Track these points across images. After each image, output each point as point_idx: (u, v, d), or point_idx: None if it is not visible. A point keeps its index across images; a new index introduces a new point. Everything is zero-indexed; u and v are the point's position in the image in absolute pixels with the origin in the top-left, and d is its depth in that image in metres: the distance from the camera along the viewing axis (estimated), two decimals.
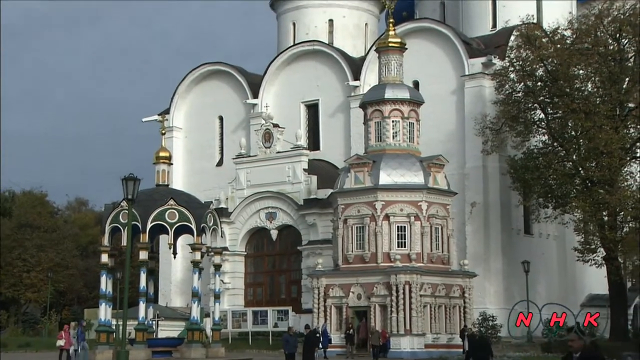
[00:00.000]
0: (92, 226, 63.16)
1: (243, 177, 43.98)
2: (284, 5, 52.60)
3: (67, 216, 68.38)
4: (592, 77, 36.22)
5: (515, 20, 41.95)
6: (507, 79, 37.91)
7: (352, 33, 51.35)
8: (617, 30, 35.97)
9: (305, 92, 46.80)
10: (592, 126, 35.00)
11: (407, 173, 35.25)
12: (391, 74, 36.93)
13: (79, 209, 72.30)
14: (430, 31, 43.49)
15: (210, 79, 49.80)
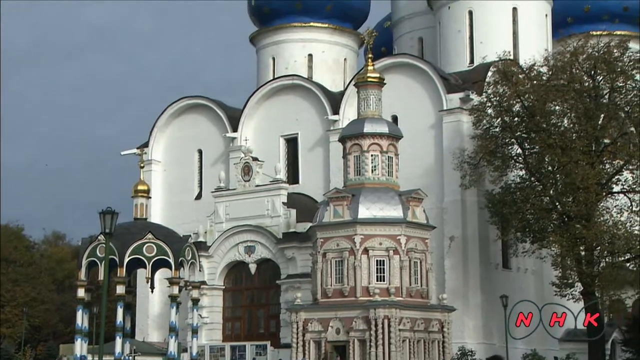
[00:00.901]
0: (69, 260, 62.55)
1: (222, 210, 43.87)
2: (263, 40, 52.98)
3: (44, 250, 67.68)
4: (568, 113, 36.73)
5: (492, 57, 42.54)
6: (484, 114, 38.31)
7: (332, 68, 51.77)
8: (591, 67, 36.59)
9: (284, 126, 46.95)
10: (568, 161, 35.39)
11: (386, 207, 35.39)
12: (370, 109, 37.22)
13: (55, 243, 71.60)
14: (409, 66, 43.93)
15: (189, 113, 49.85)
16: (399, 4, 55.01)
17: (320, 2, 51.19)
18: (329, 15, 51.65)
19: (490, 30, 46.33)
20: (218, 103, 48.91)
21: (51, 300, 58.42)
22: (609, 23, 52.27)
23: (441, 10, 48.28)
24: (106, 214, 21.85)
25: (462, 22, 46.98)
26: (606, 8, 53.16)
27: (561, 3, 51.04)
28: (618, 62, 36.48)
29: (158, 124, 49.98)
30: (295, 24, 51.70)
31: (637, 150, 35.69)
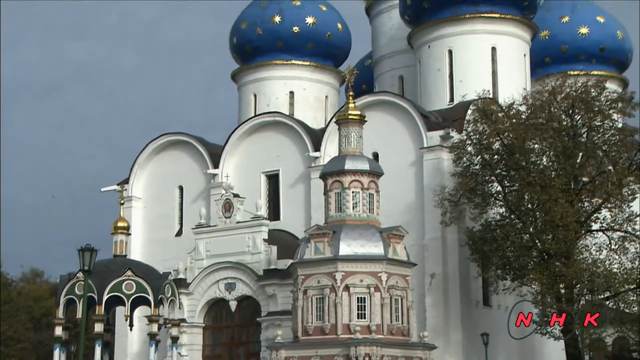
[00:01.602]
0: (47, 298, 61.80)
1: (202, 247, 43.68)
2: (245, 77, 53.30)
3: (21, 288, 66.86)
4: (547, 151, 37.07)
5: (471, 95, 42.99)
6: (464, 152, 38.60)
7: (313, 105, 52.12)
8: (569, 106, 37.05)
9: (265, 163, 47.04)
10: (547, 199, 35.65)
11: (367, 244, 35.43)
12: (351, 146, 37.43)
13: (33, 280, 70.82)
14: (389, 104, 44.28)
15: (170, 149, 49.84)
16: (380, 42, 55.67)
17: (302, 40, 51.70)
18: (311, 54, 52.13)
19: (470, 69, 46.90)
20: (199, 139, 48.98)
21: (28, 339, 57.56)
22: (586, 63, 53.13)
23: (421, 49, 48.86)
24: (85, 251, 21.76)
25: (442, 60, 47.54)
26: (583, 49, 54.02)
27: (539, 43, 51.86)
28: (595, 101, 36.99)
29: (139, 161, 49.89)
30: (276, 61, 52.10)
31: (615, 189, 36.04)
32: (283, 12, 51.89)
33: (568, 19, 54.51)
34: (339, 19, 53.22)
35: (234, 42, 53.68)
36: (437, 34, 47.73)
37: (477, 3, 46.86)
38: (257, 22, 52.21)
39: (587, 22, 54.36)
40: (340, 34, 53.03)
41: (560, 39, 53.96)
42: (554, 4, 55.17)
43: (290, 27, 51.61)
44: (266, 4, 52.59)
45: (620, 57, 55.00)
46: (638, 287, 36.27)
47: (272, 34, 51.74)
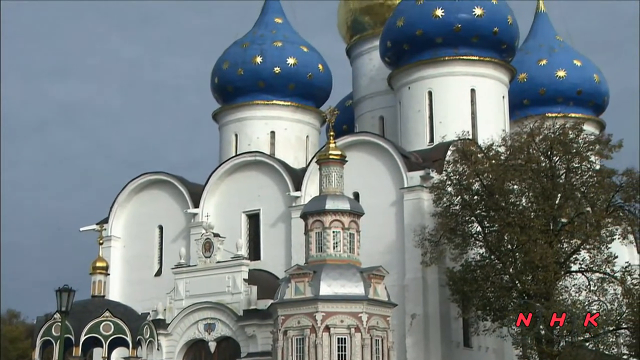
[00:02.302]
0: (23, 339, 60.77)
1: (182, 287, 43.33)
2: (226, 117, 53.47)
3: None
4: (526, 192, 37.35)
5: (451, 136, 43.37)
6: (444, 192, 38.81)
7: (294, 145, 52.28)
8: (548, 148, 37.47)
9: (246, 202, 46.98)
10: (527, 240, 35.84)
11: (348, 284, 35.35)
12: (332, 186, 37.53)
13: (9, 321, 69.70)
14: (370, 144, 44.53)
15: (151, 189, 49.70)
16: (360, 83, 56.17)
17: (283, 81, 52.02)
18: (292, 94, 52.43)
19: (450, 110, 47.38)
20: (179, 179, 48.90)
21: None
22: (563, 105, 54.01)
23: (401, 90, 49.34)
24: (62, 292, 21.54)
25: (422, 102, 48.00)
26: (561, 91, 54.83)
27: (518, 85, 52.60)
28: (573, 143, 37.44)
29: (119, 200, 49.67)
30: (258, 101, 52.35)
31: (593, 230, 36.30)
32: (264, 53, 52.27)
33: (546, 62, 55.37)
34: (320, 60, 53.69)
35: (216, 82, 53.94)
36: (417, 76, 48.27)
37: (457, 46, 47.53)
38: (238, 63, 52.54)
39: (565, 66, 55.24)
40: (321, 75, 53.45)
41: (538, 81, 54.77)
42: (532, 47, 56.10)
43: (271, 67, 51.95)
44: (248, 45, 52.99)
45: (597, 100, 55.84)
46: (617, 328, 36.38)
47: (254, 75, 52.05)
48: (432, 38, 47.55)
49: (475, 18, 47.52)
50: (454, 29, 47.31)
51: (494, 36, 47.91)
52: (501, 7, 48.61)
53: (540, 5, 58.26)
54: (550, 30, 57.52)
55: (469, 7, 47.63)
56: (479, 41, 47.61)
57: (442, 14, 47.43)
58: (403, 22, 48.44)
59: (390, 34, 49.38)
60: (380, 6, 55.15)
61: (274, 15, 54.60)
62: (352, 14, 56.73)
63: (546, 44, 56.23)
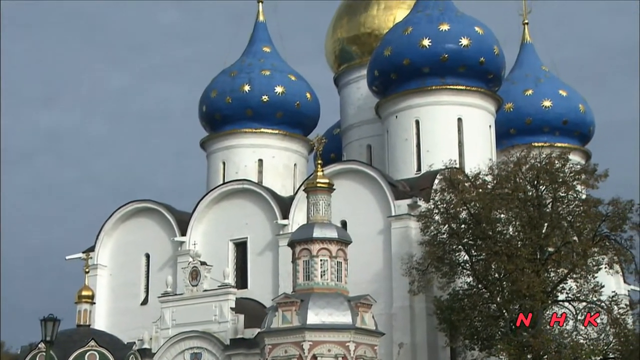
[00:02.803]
0: None
1: (168, 316, 43.03)
2: (214, 145, 53.50)
3: None
4: (513, 221, 37.48)
5: (438, 165, 43.58)
6: (432, 221, 38.90)
7: (282, 173, 52.32)
8: (534, 177, 37.69)
9: (233, 230, 46.90)
10: (514, 269, 35.90)
11: (335, 312, 35.26)
12: (319, 214, 37.57)
13: None
14: (358, 173, 44.66)
15: (138, 217, 49.54)
16: (348, 112, 56.44)
17: (271, 109, 52.19)
18: (280, 122, 52.58)
19: (437, 139, 47.61)
20: (166, 207, 48.79)
21: None
22: (550, 135, 54.41)
23: (389, 119, 49.60)
24: (47, 321, 21.36)
25: (409, 131, 48.24)
26: (547, 121, 55.23)
27: (504, 115, 52.94)
28: (560, 173, 37.68)
29: (105, 228, 49.48)
30: (246, 129, 52.44)
31: (580, 260, 36.43)
32: (252, 82, 52.49)
33: (532, 92, 55.83)
34: (307, 89, 53.96)
35: (204, 111, 54.04)
36: (404, 105, 48.55)
37: (443, 75, 47.91)
38: (226, 91, 52.71)
39: (550, 96, 55.68)
40: (309, 103, 53.68)
41: (524, 111, 55.16)
42: (518, 77, 56.60)
43: (259, 96, 52.13)
44: (236, 73, 53.21)
45: (583, 130, 56.29)
46: (604, 358, 36.38)
47: (242, 103, 52.20)
48: (419, 68, 47.93)
49: (461, 48, 47.97)
50: (440, 59, 47.71)
51: (481, 66, 48.35)
52: (487, 37, 49.10)
53: (526, 36, 58.89)
54: (536, 60, 58.11)
55: (455, 37, 48.07)
56: (465, 71, 48.02)
57: (429, 44, 47.86)
58: (390, 51, 48.83)
59: (378, 64, 49.74)
60: (367, 36, 55.61)
61: (262, 44, 54.94)
62: (339, 44, 57.16)
63: (532, 74, 56.76)
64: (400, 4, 55.47)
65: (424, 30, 48.28)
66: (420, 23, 48.90)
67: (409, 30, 48.73)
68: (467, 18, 49.57)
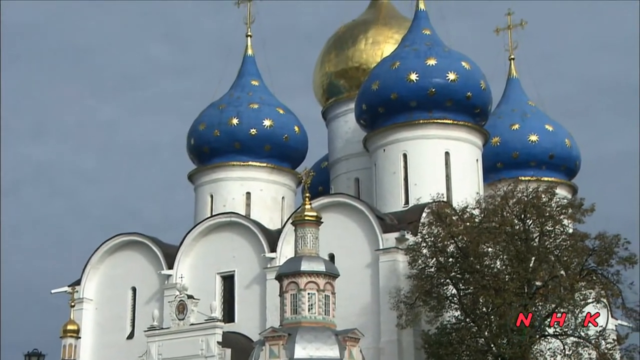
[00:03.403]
0: None
1: (154, 350, 42.62)
2: (202, 177, 53.47)
3: None
4: (501, 255, 37.55)
5: (426, 198, 43.71)
6: (419, 254, 38.92)
7: (269, 206, 52.28)
8: (521, 211, 37.85)
9: (221, 264, 46.72)
10: (502, 303, 35.87)
11: (323, 347, 35.08)
12: (307, 247, 37.54)
13: None
14: (345, 206, 44.71)
15: (124, 250, 49.31)
16: (336, 145, 56.66)
17: (259, 142, 52.28)
18: (268, 155, 52.66)
19: (424, 172, 47.80)
20: (153, 240, 48.59)
21: None
22: (536, 169, 54.71)
23: (377, 153, 49.80)
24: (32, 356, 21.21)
25: (397, 164, 48.43)
26: (534, 155, 55.59)
27: (491, 149, 53.27)
28: (546, 207, 37.87)
29: (92, 261, 49.19)
30: (234, 162, 52.45)
31: (567, 294, 36.46)
32: (241, 115, 52.64)
33: (518, 126, 56.24)
34: (296, 122, 54.15)
35: (192, 144, 54.09)
36: (392, 138, 48.80)
37: (431, 109, 48.26)
38: (214, 124, 52.82)
39: (537, 130, 56.11)
40: (297, 137, 53.85)
41: (511, 145, 55.51)
42: (505, 111, 57.07)
43: (247, 129, 52.26)
44: (224, 107, 53.38)
45: (569, 165, 56.66)
46: None
47: (230, 136, 52.31)
48: (407, 102, 48.26)
49: (449, 83, 48.38)
50: (428, 93, 48.09)
51: (468, 101, 48.74)
52: (474, 72, 49.58)
53: (512, 71, 59.51)
54: (522, 95, 58.67)
55: (442, 72, 48.51)
56: (452, 105, 48.38)
57: (417, 79, 48.25)
58: (378, 85, 49.19)
59: (366, 97, 50.07)
60: (355, 70, 56.05)
61: (251, 77, 55.22)
62: (327, 77, 57.56)
63: (519, 109, 57.25)
64: (388, 38, 56.04)
65: (411, 65, 48.71)
66: (407, 57, 49.35)
67: (396, 64, 49.16)
68: (454, 53, 50.09)
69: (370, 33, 56.70)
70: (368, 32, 56.78)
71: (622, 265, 37.26)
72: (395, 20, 57.03)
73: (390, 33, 56.19)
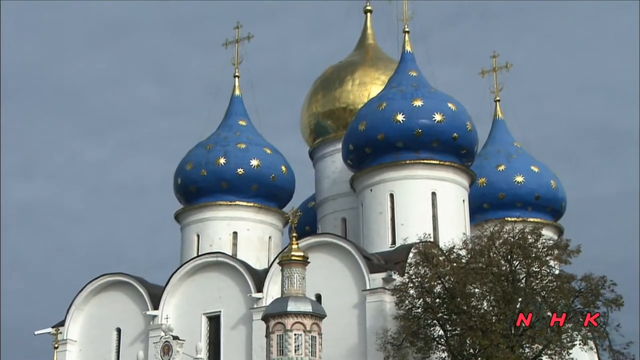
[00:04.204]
0: None
1: None
2: (188, 217, 53.29)
3: None
4: (488, 296, 37.55)
5: (413, 238, 43.75)
6: (406, 295, 38.85)
7: (256, 246, 52.10)
8: (508, 252, 37.96)
9: (207, 304, 46.39)
10: (489, 344, 35.76)
11: None
12: (294, 287, 37.41)
13: None
14: (332, 246, 44.64)
15: (109, 290, 48.88)
16: (323, 185, 56.75)
17: (246, 182, 52.27)
18: (255, 195, 52.62)
19: (411, 212, 47.87)
20: (139, 280, 48.24)
21: None
22: (522, 210, 54.94)
23: (363, 193, 49.90)
24: None
25: (383, 204, 48.50)
26: (520, 196, 55.85)
27: (477, 189, 53.47)
28: (533, 248, 38.00)
29: (76, 302, 48.71)
30: (220, 202, 52.35)
31: (554, 335, 36.39)
32: (228, 155, 52.70)
33: (504, 167, 56.59)
34: (283, 162, 54.28)
35: (179, 183, 54.01)
36: (378, 178, 48.94)
37: (417, 150, 48.51)
38: (202, 164, 52.82)
39: (522, 171, 56.46)
40: (284, 176, 53.92)
41: (497, 186, 55.79)
42: (491, 152, 57.45)
43: (235, 169, 52.29)
44: (212, 147, 53.45)
45: (555, 206, 56.94)
46: None
47: (217, 175, 52.29)
48: (394, 142, 48.52)
49: (435, 123, 48.72)
50: (414, 134, 48.40)
51: (454, 141, 49.04)
52: (460, 113, 49.98)
53: (497, 113, 60.05)
54: (508, 136, 59.13)
55: (429, 113, 48.88)
56: (439, 146, 48.66)
57: (403, 119, 48.59)
58: (365, 126, 49.49)
59: (353, 138, 50.33)
60: (342, 110, 56.41)
61: (239, 117, 55.41)
62: (315, 118, 57.87)
63: (504, 150, 57.66)
64: (375, 79, 56.50)
65: (398, 106, 49.07)
66: (394, 98, 49.74)
67: (383, 105, 49.52)
68: (440, 94, 50.54)
69: (357, 74, 57.20)
70: (355, 73, 57.28)
71: (608, 307, 37.31)
72: (381, 62, 57.59)
73: (377, 74, 56.70)
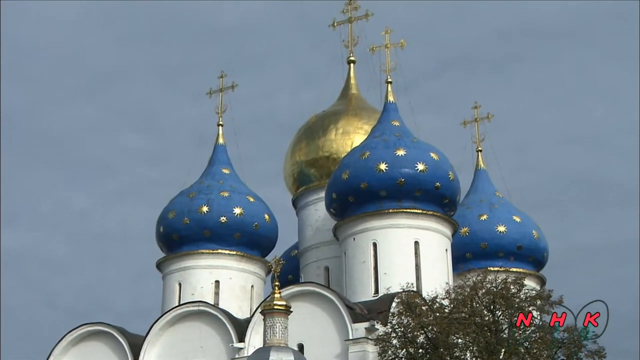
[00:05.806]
0: None
1: None
2: (170, 266, 52.93)
3: None
4: (471, 346, 37.34)
5: (396, 287, 43.62)
6: (389, 345, 38.59)
7: (238, 294, 51.73)
8: (491, 302, 37.89)
9: (188, 354, 45.83)
10: None
11: None
12: (276, 337, 37.12)
13: None
14: (315, 295, 44.44)
15: (90, 340, 48.19)
16: (306, 234, 56.67)
17: (229, 230, 52.12)
18: (237, 243, 52.42)
19: (394, 261, 47.84)
20: (119, 330, 47.64)
21: None
22: (505, 260, 55.04)
23: (346, 241, 49.87)
24: None
25: (366, 253, 48.46)
26: (502, 246, 56.03)
27: (460, 239, 53.58)
28: (515, 298, 37.97)
29: (55, 353, 47.94)
30: (203, 250, 52.08)
31: None
32: (211, 203, 52.62)
33: (486, 217, 56.83)
34: (266, 210, 54.25)
35: (161, 231, 53.74)
36: (361, 227, 48.98)
37: (400, 199, 48.71)
38: (184, 212, 52.66)
39: (505, 221, 56.69)
40: (267, 225, 53.83)
41: (479, 235, 55.95)
42: (473, 202, 57.73)
43: (217, 217, 52.18)
44: (194, 195, 53.36)
45: (537, 256, 57.10)
46: None
47: (199, 224, 52.11)
48: (377, 191, 48.71)
49: (418, 173, 49.02)
50: (397, 183, 48.64)
51: (437, 191, 49.30)
52: (443, 163, 50.35)
53: (479, 162, 60.53)
54: (490, 186, 59.50)
55: (412, 162, 49.20)
56: (422, 195, 48.88)
57: (386, 169, 48.86)
58: (348, 175, 49.70)
59: (336, 187, 50.49)
60: (325, 159, 56.67)
61: (222, 166, 55.50)
62: (298, 166, 58.06)
63: (487, 200, 57.97)
64: (358, 129, 56.93)
65: (381, 155, 49.38)
66: (377, 148, 50.08)
67: (366, 154, 49.82)
68: (423, 144, 50.95)
69: (341, 123, 57.63)
70: (338, 122, 57.72)
71: (591, 359, 37.21)
72: (365, 112, 58.10)
73: (360, 124, 57.16)
